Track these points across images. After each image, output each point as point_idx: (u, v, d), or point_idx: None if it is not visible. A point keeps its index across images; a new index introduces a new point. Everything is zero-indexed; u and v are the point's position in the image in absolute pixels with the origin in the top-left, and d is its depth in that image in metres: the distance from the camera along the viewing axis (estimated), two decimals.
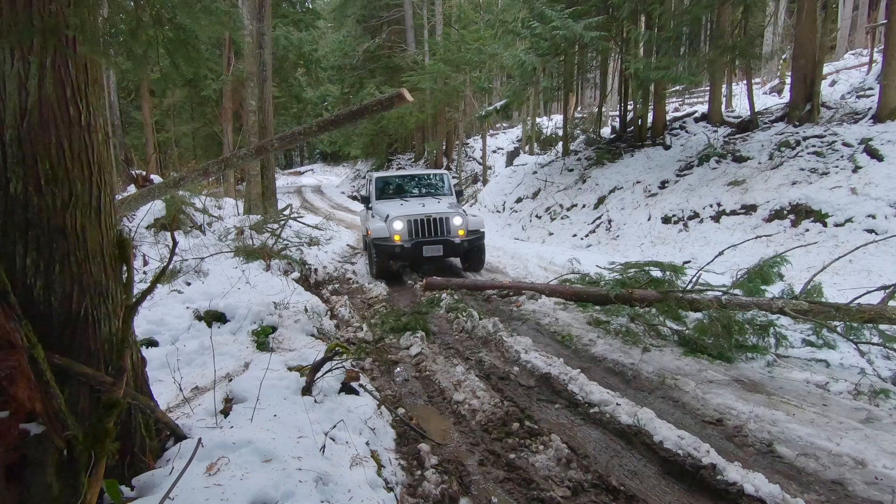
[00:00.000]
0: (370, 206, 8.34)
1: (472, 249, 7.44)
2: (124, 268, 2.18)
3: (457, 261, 8.25)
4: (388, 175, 9.30)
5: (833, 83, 12.37)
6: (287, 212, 10.31)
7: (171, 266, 5.70)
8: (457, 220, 7.29)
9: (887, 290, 4.20)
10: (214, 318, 4.68)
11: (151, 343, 4.13)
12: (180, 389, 3.18)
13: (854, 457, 2.68)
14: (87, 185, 1.93)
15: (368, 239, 7.57)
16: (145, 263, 6.22)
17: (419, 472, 2.80)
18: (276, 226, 8.69)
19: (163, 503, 1.71)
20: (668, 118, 13.18)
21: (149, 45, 1.99)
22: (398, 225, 7.18)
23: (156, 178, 9.49)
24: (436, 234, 7.21)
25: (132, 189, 8.60)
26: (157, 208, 7.50)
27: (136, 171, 10.16)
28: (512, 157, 20.41)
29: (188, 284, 5.49)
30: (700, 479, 2.61)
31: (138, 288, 2.37)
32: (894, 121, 7.87)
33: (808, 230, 6.98)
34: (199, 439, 2.18)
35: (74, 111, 1.88)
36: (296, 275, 7.08)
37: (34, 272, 1.83)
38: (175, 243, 2.56)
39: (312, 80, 24.58)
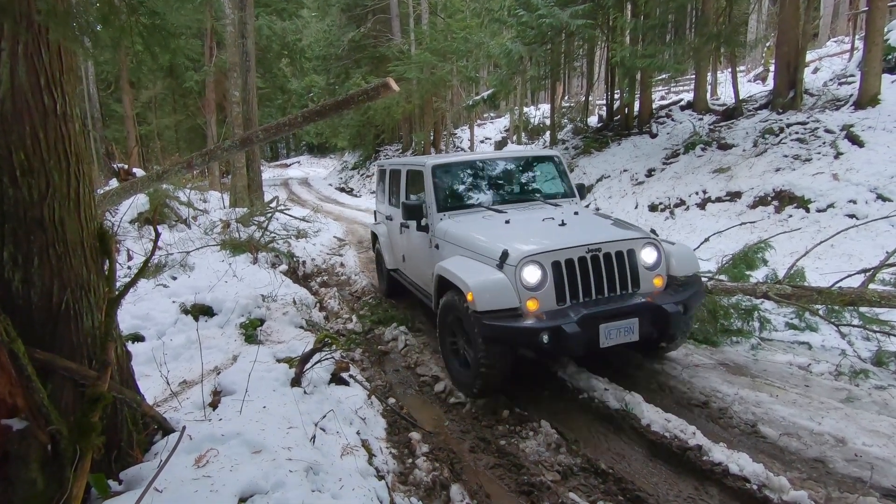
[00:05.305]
0: (425, 223, 4.38)
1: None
2: (106, 261, 2.14)
3: None
4: (455, 161, 4.69)
5: (816, 70, 12.48)
6: (274, 204, 10.20)
7: (155, 259, 5.64)
8: (648, 255, 3.49)
9: (867, 274, 4.28)
10: (201, 311, 4.63)
11: (137, 338, 4.08)
12: (167, 383, 3.15)
13: (835, 435, 2.75)
14: (64, 176, 1.88)
15: (460, 303, 3.39)
16: (129, 258, 6.12)
17: (410, 460, 2.82)
18: (262, 218, 8.60)
19: (145, 494, 1.69)
20: (654, 106, 13.23)
21: (122, 31, 1.93)
22: (534, 274, 3.23)
23: (138, 172, 9.33)
24: (613, 289, 3.36)
25: (114, 183, 8.45)
26: (140, 202, 7.38)
27: (118, 165, 9.96)
28: (500, 146, 20.40)
29: (174, 279, 5.42)
30: (686, 460, 2.66)
31: (123, 283, 2.33)
32: (874, 107, 7.98)
33: (791, 216, 7.07)
34: (184, 427, 2.17)
35: (49, 100, 1.83)
36: (284, 267, 7.03)
37: (12, 265, 1.79)
38: (158, 235, 2.52)
39: (297, 70, 24.22)
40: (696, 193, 8.59)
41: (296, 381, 3.07)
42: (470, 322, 3.25)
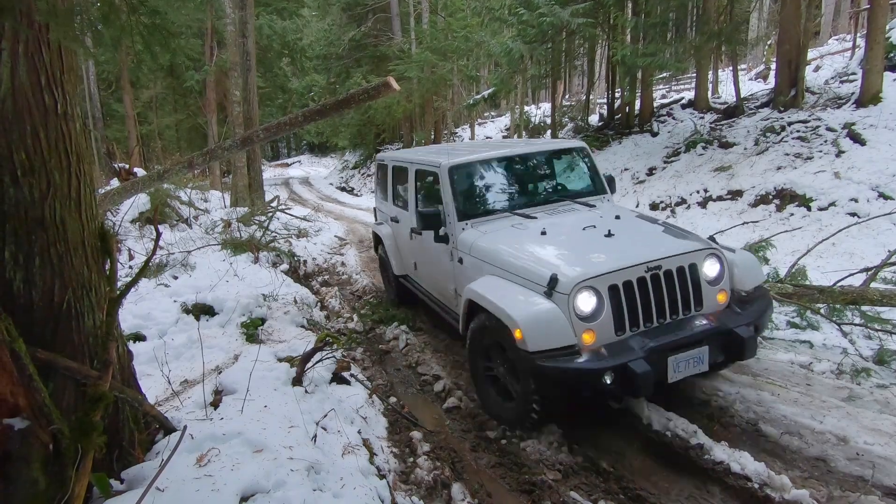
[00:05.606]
0: (443, 233, 3.86)
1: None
2: (108, 260, 2.14)
3: None
4: (475, 159, 4.04)
5: (817, 68, 12.45)
6: (274, 204, 10.21)
7: (156, 259, 5.64)
8: (711, 268, 3.07)
9: (869, 272, 4.27)
10: (202, 311, 4.63)
11: (139, 337, 4.09)
12: (169, 383, 3.16)
13: (836, 434, 2.74)
14: (65, 175, 1.88)
15: (499, 330, 2.97)
16: (131, 258, 6.13)
17: (412, 459, 2.82)
18: (263, 218, 8.60)
19: (146, 493, 1.70)
20: (655, 105, 13.22)
21: (123, 30, 1.93)
22: (589, 302, 2.80)
23: (139, 172, 9.33)
24: (675, 311, 2.95)
25: (115, 183, 8.45)
26: (141, 202, 7.39)
27: (119, 165, 9.96)
28: None
29: (175, 278, 5.42)
30: (688, 459, 2.66)
31: (124, 283, 2.33)
32: (876, 105, 7.96)
33: (792, 214, 7.06)
34: (185, 427, 2.17)
35: (50, 99, 1.83)
36: (285, 267, 7.03)
37: (13, 265, 1.79)
38: (159, 235, 2.52)
39: (297, 69, 24.19)
40: (698, 192, 8.58)
41: (297, 381, 3.08)
42: (518, 357, 2.77)
